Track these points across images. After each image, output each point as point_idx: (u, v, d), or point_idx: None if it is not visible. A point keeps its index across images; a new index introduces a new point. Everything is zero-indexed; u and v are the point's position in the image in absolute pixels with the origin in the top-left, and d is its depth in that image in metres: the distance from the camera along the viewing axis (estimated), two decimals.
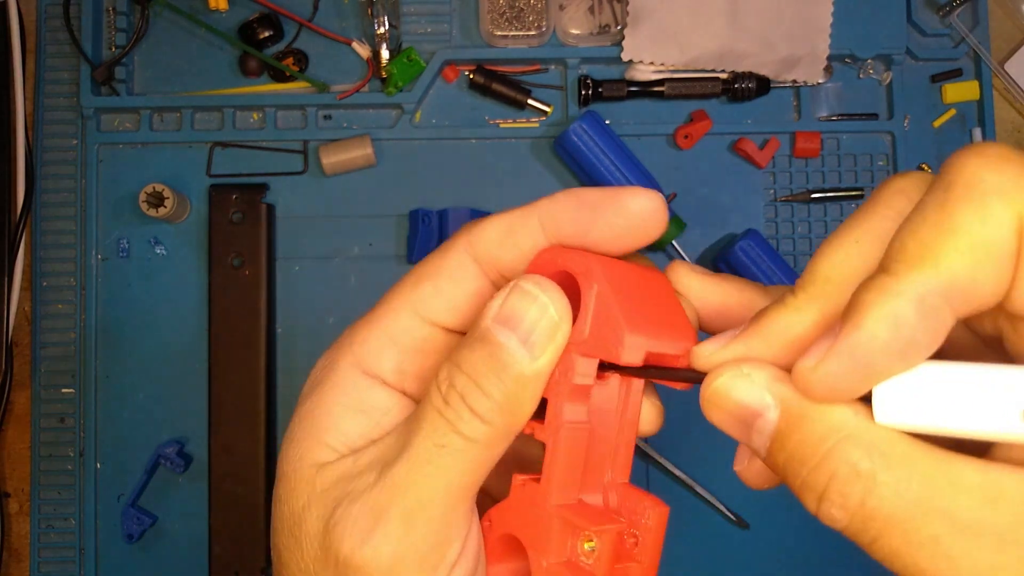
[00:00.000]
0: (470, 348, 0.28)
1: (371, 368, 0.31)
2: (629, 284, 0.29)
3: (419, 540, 0.27)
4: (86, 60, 0.73)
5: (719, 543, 0.73)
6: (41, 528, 0.72)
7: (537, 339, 0.27)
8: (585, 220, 0.29)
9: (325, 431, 0.30)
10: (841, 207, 0.76)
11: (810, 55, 0.73)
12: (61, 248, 0.74)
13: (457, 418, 0.27)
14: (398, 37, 0.75)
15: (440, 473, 0.27)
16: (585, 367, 0.28)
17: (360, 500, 0.28)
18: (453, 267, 0.30)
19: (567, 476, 0.28)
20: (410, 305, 0.30)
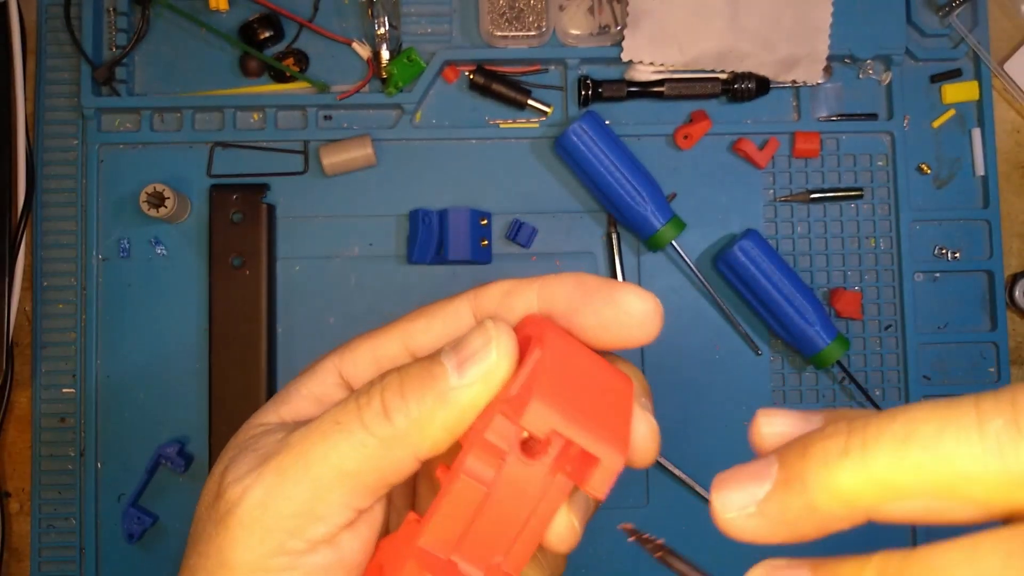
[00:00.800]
0: (417, 361, 0.29)
1: (346, 374, 0.33)
2: (582, 370, 0.28)
3: (285, 498, 0.28)
4: (87, 60, 0.73)
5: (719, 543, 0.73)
6: (42, 528, 0.72)
7: (470, 367, 0.28)
8: (577, 301, 0.30)
9: (283, 404, 0.33)
10: (841, 207, 0.76)
11: (810, 55, 0.74)
12: (62, 248, 0.74)
13: (366, 406, 0.28)
14: (398, 37, 0.75)
15: (328, 446, 0.28)
16: (502, 427, 0.27)
17: (262, 448, 0.30)
18: (450, 312, 0.32)
19: (445, 526, 0.27)
20: (401, 334, 0.32)
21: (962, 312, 0.76)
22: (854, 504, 0.21)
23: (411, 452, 0.28)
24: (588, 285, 0.30)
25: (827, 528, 0.22)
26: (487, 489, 0.27)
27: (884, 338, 0.75)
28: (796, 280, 0.72)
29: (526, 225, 0.74)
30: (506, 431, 0.27)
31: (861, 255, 0.76)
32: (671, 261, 0.74)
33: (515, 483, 0.27)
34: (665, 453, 0.73)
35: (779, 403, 0.74)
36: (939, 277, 0.76)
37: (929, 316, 0.76)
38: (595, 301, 0.29)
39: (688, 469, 0.73)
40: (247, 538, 0.28)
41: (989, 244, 0.76)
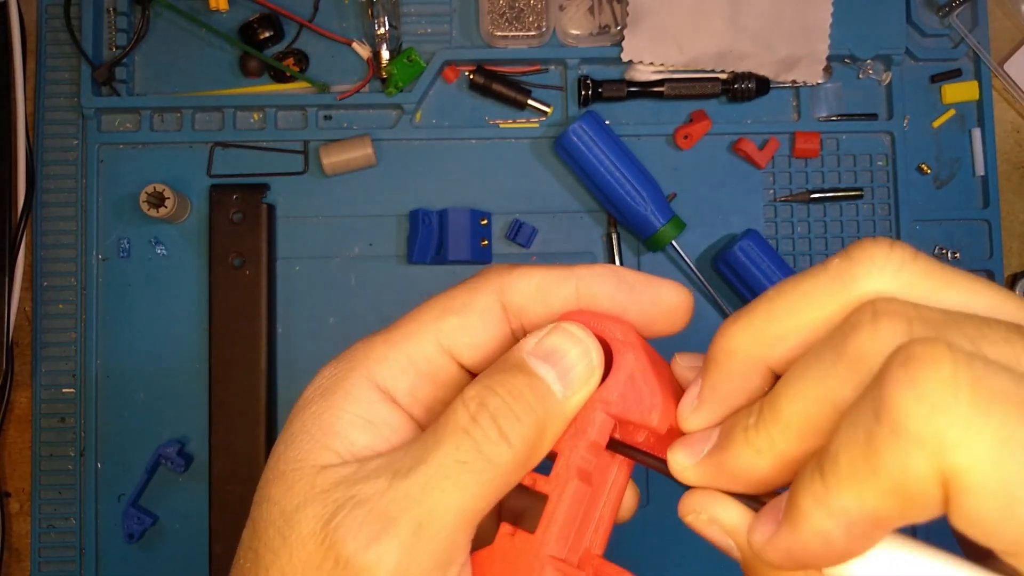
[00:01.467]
0: (506, 374, 0.28)
1: (384, 386, 0.30)
2: (654, 360, 0.30)
3: (425, 554, 0.26)
4: (87, 60, 0.73)
5: None
6: (42, 528, 0.72)
7: (574, 378, 0.28)
8: (623, 300, 0.30)
9: (331, 436, 0.29)
10: (841, 207, 0.76)
11: (810, 55, 0.74)
12: (62, 248, 0.74)
13: (484, 438, 0.27)
14: (398, 37, 0.75)
15: (457, 490, 0.27)
16: (604, 426, 0.29)
17: (368, 505, 0.27)
18: (482, 307, 0.31)
19: (566, 530, 0.28)
20: (434, 334, 0.30)
21: None
22: (750, 355, 0.26)
23: (528, 468, 0.28)
24: (630, 282, 0.30)
25: (747, 389, 0.26)
26: (592, 489, 0.29)
27: None
28: None
29: (526, 225, 0.74)
30: (606, 429, 0.29)
31: None
32: (671, 261, 0.74)
33: (602, 471, 0.29)
34: None
35: None
36: None
37: None
38: (642, 300, 0.30)
39: None
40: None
41: (989, 244, 0.76)
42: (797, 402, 0.24)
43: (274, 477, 0.29)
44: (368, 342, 0.31)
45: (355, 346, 0.32)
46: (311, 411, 0.30)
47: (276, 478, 0.29)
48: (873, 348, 0.22)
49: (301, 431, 0.30)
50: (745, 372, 0.26)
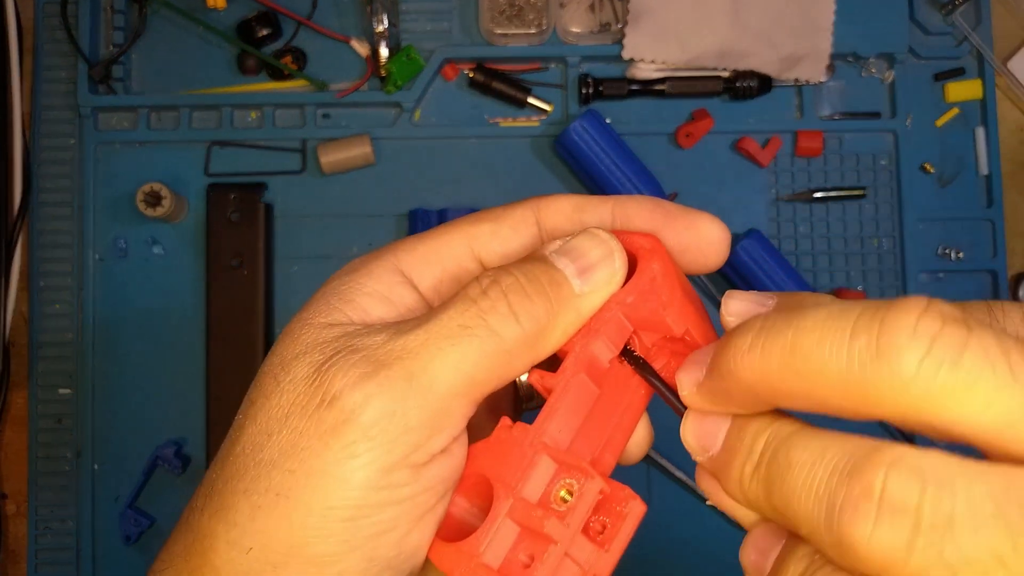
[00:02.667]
0: (523, 261, 0.29)
1: (410, 273, 0.30)
2: (679, 276, 0.30)
3: (412, 408, 0.26)
4: (83, 59, 0.72)
5: (719, 544, 0.72)
6: (38, 530, 0.71)
7: (595, 275, 0.28)
8: (658, 224, 0.30)
9: (347, 303, 0.29)
10: (844, 206, 0.75)
11: (812, 54, 0.73)
12: (58, 248, 0.74)
13: (491, 309, 0.27)
14: (397, 35, 0.74)
15: (455, 351, 0.26)
16: (621, 330, 0.29)
17: (364, 351, 0.26)
18: (517, 218, 0.31)
19: (565, 422, 0.28)
20: (466, 237, 0.31)
21: None
22: (756, 393, 0.23)
23: (532, 357, 0.28)
24: (667, 208, 0.30)
25: (748, 407, 0.25)
26: (599, 390, 0.28)
27: None
28: (799, 280, 0.71)
29: None
30: (623, 331, 0.29)
31: (864, 255, 0.75)
32: None
33: (616, 384, 0.29)
34: (665, 454, 0.72)
35: None
36: (943, 277, 0.76)
37: None
38: (677, 225, 0.30)
39: (688, 469, 0.72)
40: (369, 451, 0.25)
41: (993, 244, 0.76)
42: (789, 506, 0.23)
43: (283, 334, 0.29)
44: (402, 240, 0.31)
45: (381, 248, 0.31)
46: (332, 285, 0.30)
47: (284, 334, 0.29)
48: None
49: (319, 299, 0.29)
50: (748, 398, 0.24)
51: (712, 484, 0.27)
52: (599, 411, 0.29)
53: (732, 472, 0.25)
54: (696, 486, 0.75)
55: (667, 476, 0.73)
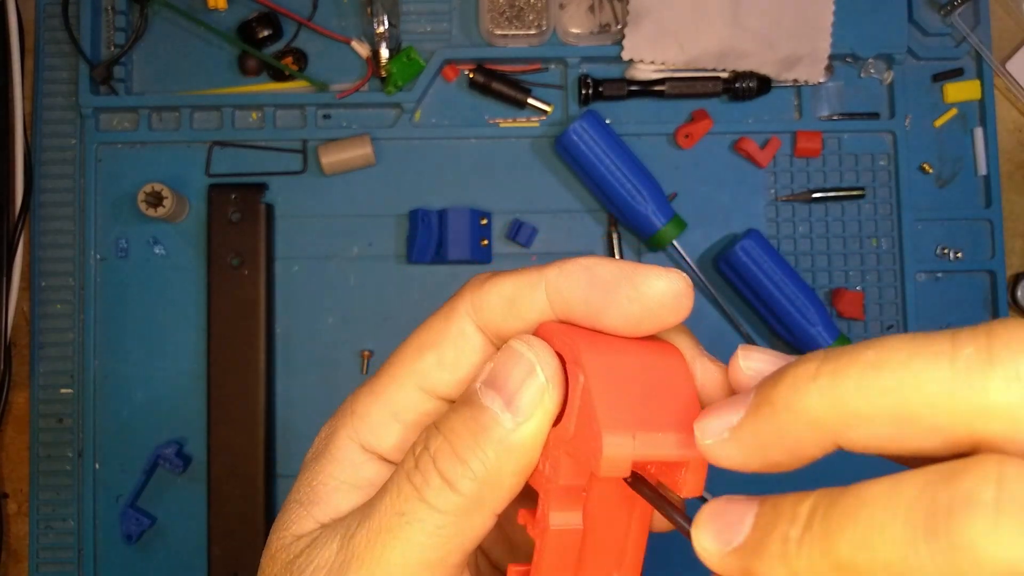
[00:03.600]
0: (453, 410, 0.26)
1: (370, 444, 0.29)
2: (630, 372, 0.25)
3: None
4: (85, 59, 0.73)
5: None
6: (40, 529, 0.72)
7: (521, 402, 0.25)
8: (597, 302, 0.26)
9: (315, 504, 0.28)
10: (843, 207, 0.75)
11: (811, 54, 0.73)
12: (60, 248, 0.74)
13: (424, 484, 0.25)
14: (398, 36, 0.75)
15: (398, 544, 0.25)
16: (573, 468, 0.25)
17: (318, 566, 0.26)
18: (456, 335, 0.28)
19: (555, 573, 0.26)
20: (413, 377, 0.28)
21: (964, 312, 0.76)
22: (821, 427, 0.20)
23: (489, 512, 0.25)
24: (603, 278, 0.26)
25: (796, 453, 0.21)
26: (580, 531, 0.25)
27: None
28: (798, 280, 0.71)
29: (526, 225, 0.74)
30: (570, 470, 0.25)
31: (863, 255, 0.75)
32: (672, 261, 0.74)
33: (605, 510, 0.25)
34: None
35: None
36: (941, 277, 0.76)
37: (931, 316, 0.75)
38: (619, 299, 0.25)
39: None
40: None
41: (991, 244, 0.76)
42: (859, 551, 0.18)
43: (266, 547, 0.29)
44: (355, 395, 0.29)
45: (346, 401, 0.30)
46: (305, 478, 0.29)
47: (266, 548, 0.29)
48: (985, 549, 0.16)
49: (294, 500, 0.29)
50: (805, 437, 0.21)
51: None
52: (600, 542, 0.26)
53: (770, 548, 0.20)
54: None
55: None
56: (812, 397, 0.20)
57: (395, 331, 0.73)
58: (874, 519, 0.18)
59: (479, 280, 0.28)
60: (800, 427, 0.21)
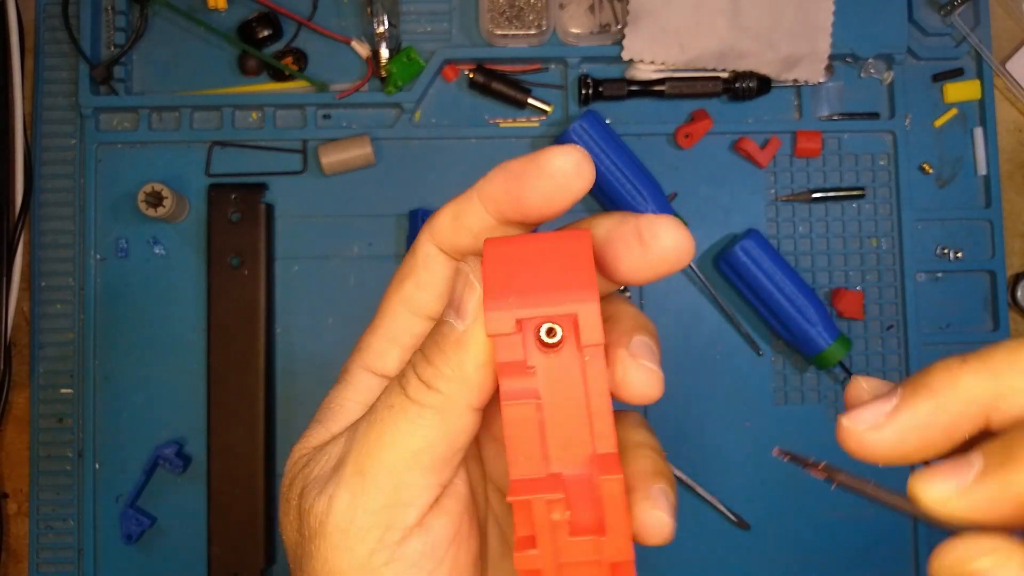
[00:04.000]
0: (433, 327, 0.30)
1: (376, 368, 0.33)
2: (527, 256, 0.29)
3: (371, 495, 0.29)
4: (85, 59, 0.73)
5: (719, 544, 0.73)
6: (40, 529, 0.72)
7: (464, 307, 0.29)
8: (515, 192, 0.30)
9: (331, 420, 0.33)
10: (843, 207, 0.75)
11: (811, 54, 0.73)
12: (60, 248, 0.74)
13: (407, 383, 0.29)
14: (397, 36, 0.75)
15: (389, 431, 0.29)
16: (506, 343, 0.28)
17: (329, 457, 0.30)
18: (423, 260, 0.32)
19: (520, 452, 0.28)
20: (402, 304, 0.33)
21: (964, 312, 0.76)
22: (976, 402, 0.24)
23: (465, 406, 0.29)
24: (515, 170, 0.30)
25: (951, 432, 0.25)
26: (537, 400, 0.28)
27: (886, 338, 0.75)
28: (798, 280, 0.71)
29: None
30: (513, 343, 0.28)
31: (863, 255, 0.75)
32: None
33: (556, 379, 0.28)
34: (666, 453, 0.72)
35: (780, 404, 0.74)
36: (941, 277, 0.76)
37: (931, 316, 0.75)
38: (530, 181, 0.30)
39: (689, 470, 0.73)
40: (346, 541, 0.29)
41: (991, 244, 0.76)
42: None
43: (287, 461, 0.33)
44: (362, 335, 0.34)
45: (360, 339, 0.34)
46: (323, 403, 0.34)
47: (287, 462, 0.33)
48: None
49: (313, 421, 0.33)
50: (961, 414, 0.24)
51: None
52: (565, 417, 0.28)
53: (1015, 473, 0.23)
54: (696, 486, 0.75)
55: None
56: (967, 376, 0.24)
57: None
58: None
59: (433, 214, 0.32)
60: (958, 404, 0.24)
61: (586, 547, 0.27)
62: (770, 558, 0.73)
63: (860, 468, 0.27)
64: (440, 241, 0.31)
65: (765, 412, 0.74)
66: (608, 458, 0.28)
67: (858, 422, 0.26)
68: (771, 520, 0.73)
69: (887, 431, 0.25)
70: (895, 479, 0.26)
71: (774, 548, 0.73)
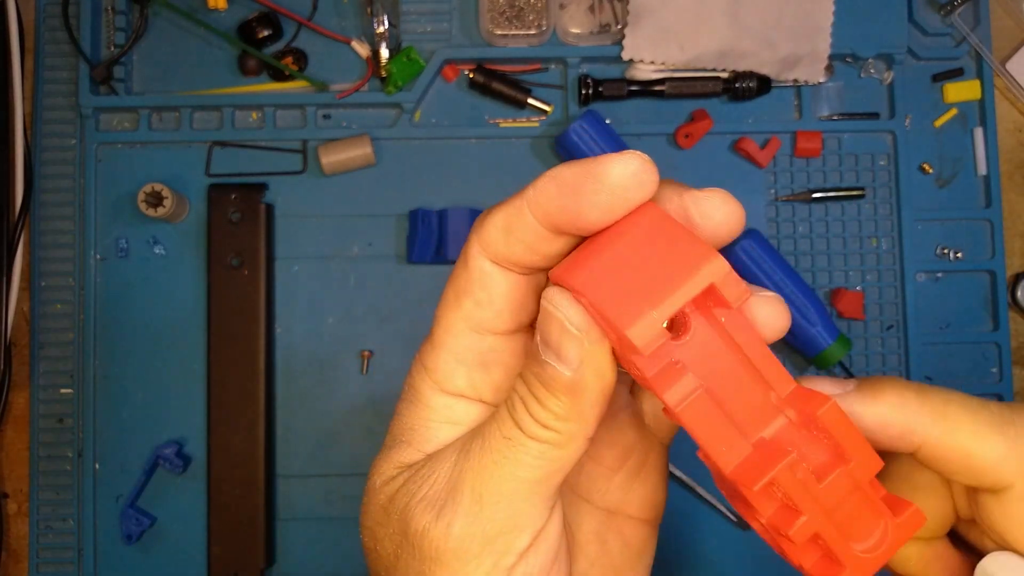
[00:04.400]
0: (527, 365, 0.30)
1: (450, 389, 0.32)
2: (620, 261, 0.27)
3: (488, 521, 0.29)
4: (85, 59, 0.73)
5: (719, 544, 0.73)
6: (40, 529, 0.72)
7: (568, 355, 0.28)
8: (571, 207, 0.28)
9: (417, 440, 0.32)
10: (843, 207, 0.75)
11: (811, 54, 0.73)
12: (60, 248, 0.74)
13: (520, 419, 0.29)
14: (398, 36, 0.75)
15: (508, 462, 0.29)
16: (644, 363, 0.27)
17: (436, 479, 0.30)
18: (478, 277, 0.30)
19: (717, 443, 0.27)
20: (461, 324, 0.31)
21: (964, 312, 0.76)
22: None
23: (582, 438, 0.29)
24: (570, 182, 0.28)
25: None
26: (701, 387, 0.27)
27: (886, 338, 0.75)
28: (798, 280, 0.71)
29: None
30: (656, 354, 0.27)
31: (863, 255, 0.75)
32: None
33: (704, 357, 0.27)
34: None
35: None
36: (941, 277, 0.76)
37: (931, 316, 0.75)
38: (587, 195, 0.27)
39: (689, 470, 0.73)
40: (464, 568, 0.29)
41: (991, 244, 0.76)
42: None
43: (367, 488, 0.33)
44: (421, 351, 0.33)
45: (415, 358, 0.33)
46: (398, 424, 0.33)
47: (367, 489, 0.33)
48: None
49: (392, 442, 0.33)
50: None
51: None
52: (735, 380, 0.27)
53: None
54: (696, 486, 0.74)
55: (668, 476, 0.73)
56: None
57: (395, 331, 0.73)
58: None
59: (479, 221, 0.30)
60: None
61: (841, 483, 0.27)
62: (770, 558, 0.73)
63: None
64: (493, 254, 0.30)
65: None
66: (800, 393, 0.27)
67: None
68: None
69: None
70: None
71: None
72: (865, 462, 0.27)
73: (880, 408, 0.30)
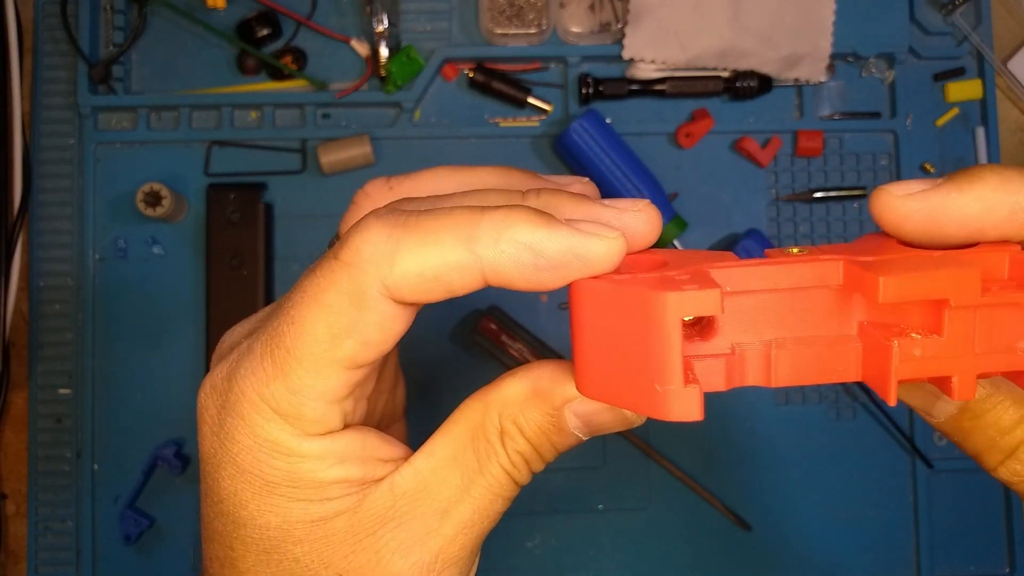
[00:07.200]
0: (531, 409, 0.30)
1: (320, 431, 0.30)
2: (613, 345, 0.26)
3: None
4: (83, 59, 0.72)
5: (720, 544, 0.72)
6: (38, 530, 0.71)
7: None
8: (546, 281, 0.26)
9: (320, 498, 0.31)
10: (844, 206, 0.75)
11: (812, 53, 0.73)
12: (58, 248, 0.74)
13: (520, 476, 0.31)
14: (397, 35, 0.74)
15: (496, 515, 0.31)
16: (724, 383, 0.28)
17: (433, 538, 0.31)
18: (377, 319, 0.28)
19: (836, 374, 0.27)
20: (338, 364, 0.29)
21: None
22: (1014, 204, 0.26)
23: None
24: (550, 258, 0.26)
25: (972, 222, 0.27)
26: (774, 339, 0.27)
27: None
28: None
29: None
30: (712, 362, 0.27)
31: None
32: None
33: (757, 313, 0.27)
34: (667, 453, 0.72)
35: (781, 404, 0.74)
36: None
37: None
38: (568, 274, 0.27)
39: (689, 470, 0.72)
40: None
41: None
42: None
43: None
44: (268, 392, 0.28)
45: (248, 395, 0.28)
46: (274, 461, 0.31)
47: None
48: None
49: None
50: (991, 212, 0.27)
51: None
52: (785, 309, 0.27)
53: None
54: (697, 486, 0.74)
55: (668, 476, 0.73)
56: (1016, 182, 0.26)
57: None
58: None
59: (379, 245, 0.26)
60: (993, 202, 0.26)
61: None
62: (770, 558, 0.73)
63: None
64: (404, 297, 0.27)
65: (766, 412, 0.74)
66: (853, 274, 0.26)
67: (898, 187, 0.27)
68: (772, 520, 0.73)
69: (919, 201, 0.27)
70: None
71: (774, 548, 0.73)
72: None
73: (983, 190, 0.27)
